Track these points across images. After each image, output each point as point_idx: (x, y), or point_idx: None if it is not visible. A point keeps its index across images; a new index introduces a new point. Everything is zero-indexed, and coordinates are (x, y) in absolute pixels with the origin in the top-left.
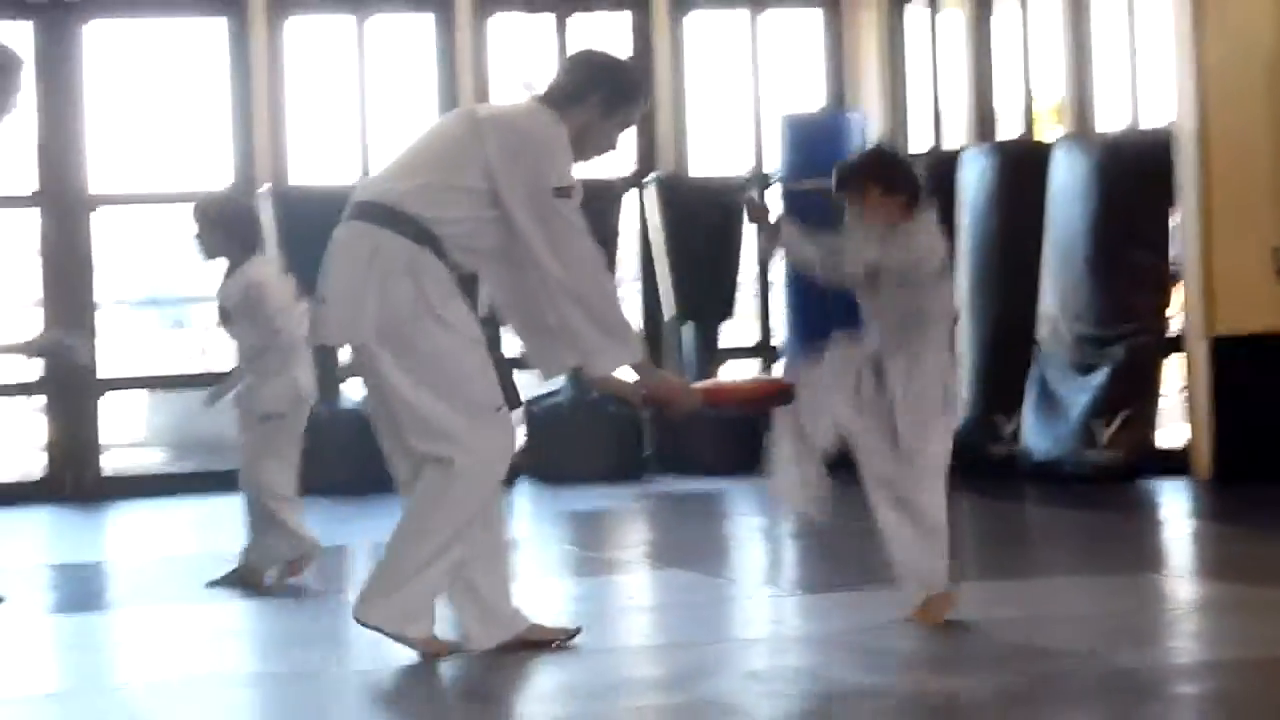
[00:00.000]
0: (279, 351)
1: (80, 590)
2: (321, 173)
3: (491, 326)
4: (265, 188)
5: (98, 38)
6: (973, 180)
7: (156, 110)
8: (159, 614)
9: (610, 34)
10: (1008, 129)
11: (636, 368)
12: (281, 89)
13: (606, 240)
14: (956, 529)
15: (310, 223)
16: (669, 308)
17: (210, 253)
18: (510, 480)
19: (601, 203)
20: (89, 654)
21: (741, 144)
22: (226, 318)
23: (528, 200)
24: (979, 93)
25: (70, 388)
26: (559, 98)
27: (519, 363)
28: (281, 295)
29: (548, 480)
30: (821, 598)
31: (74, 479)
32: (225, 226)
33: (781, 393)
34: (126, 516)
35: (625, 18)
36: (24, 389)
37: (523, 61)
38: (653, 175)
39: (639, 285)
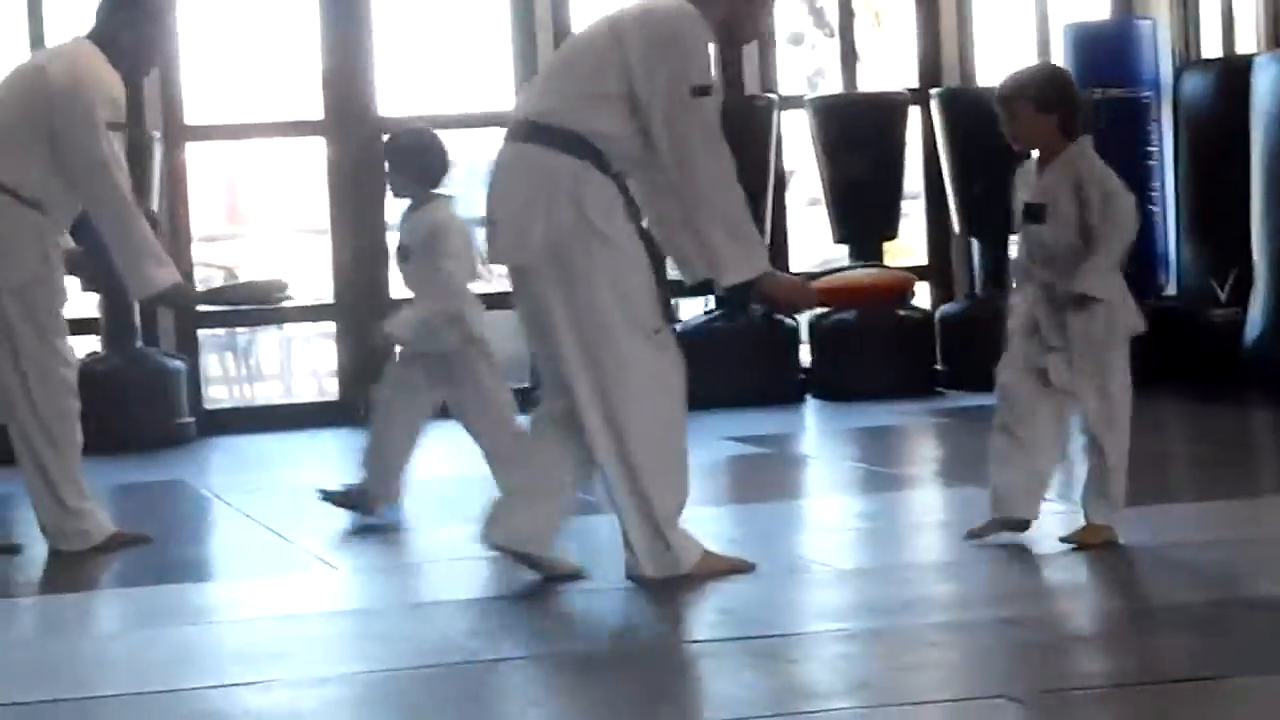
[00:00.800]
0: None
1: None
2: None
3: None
4: None
5: None
6: (1266, 88)
7: (442, 33)
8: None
9: None
10: None
11: (762, 274)
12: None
13: (893, 154)
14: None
15: None
16: (957, 223)
17: (397, 190)
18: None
19: (886, 116)
20: (383, 574)
21: (1027, 54)
22: (405, 255)
23: (665, 99)
24: None
25: (362, 311)
26: None
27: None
28: (458, 240)
29: (836, 396)
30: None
31: (366, 402)
32: (414, 162)
33: (900, 287)
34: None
35: None
36: (316, 313)
37: None
38: (938, 89)
39: (924, 200)
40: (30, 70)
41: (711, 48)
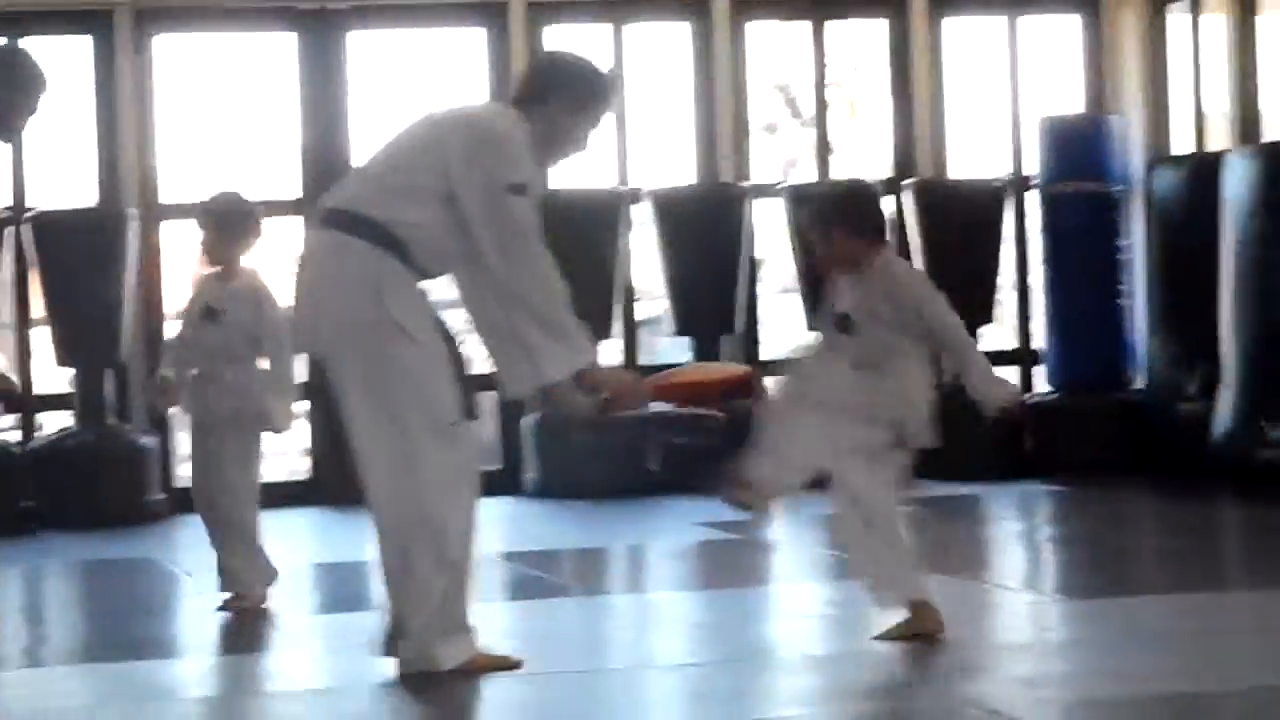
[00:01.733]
0: None
1: (344, 590)
2: (578, 178)
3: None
4: None
5: (360, 47)
6: (1236, 184)
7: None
8: None
9: (866, 40)
10: (1273, 131)
11: (584, 370)
12: None
13: None
14: (1225, 537)
15: (564, 227)
16: None
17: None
18: (483, 492)
19: None
20: (353, 652)
21: (1000, 147)
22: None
23: (482, 197)
24: (1243, 95)
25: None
26: (523, 98)
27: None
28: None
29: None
30: (1084, 603)
31: (338, 481)
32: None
33: (740, 384)
34: None
35: (882, 25)
36: None
37: (779, 69)
38: (911, 179)
39: None
40: None
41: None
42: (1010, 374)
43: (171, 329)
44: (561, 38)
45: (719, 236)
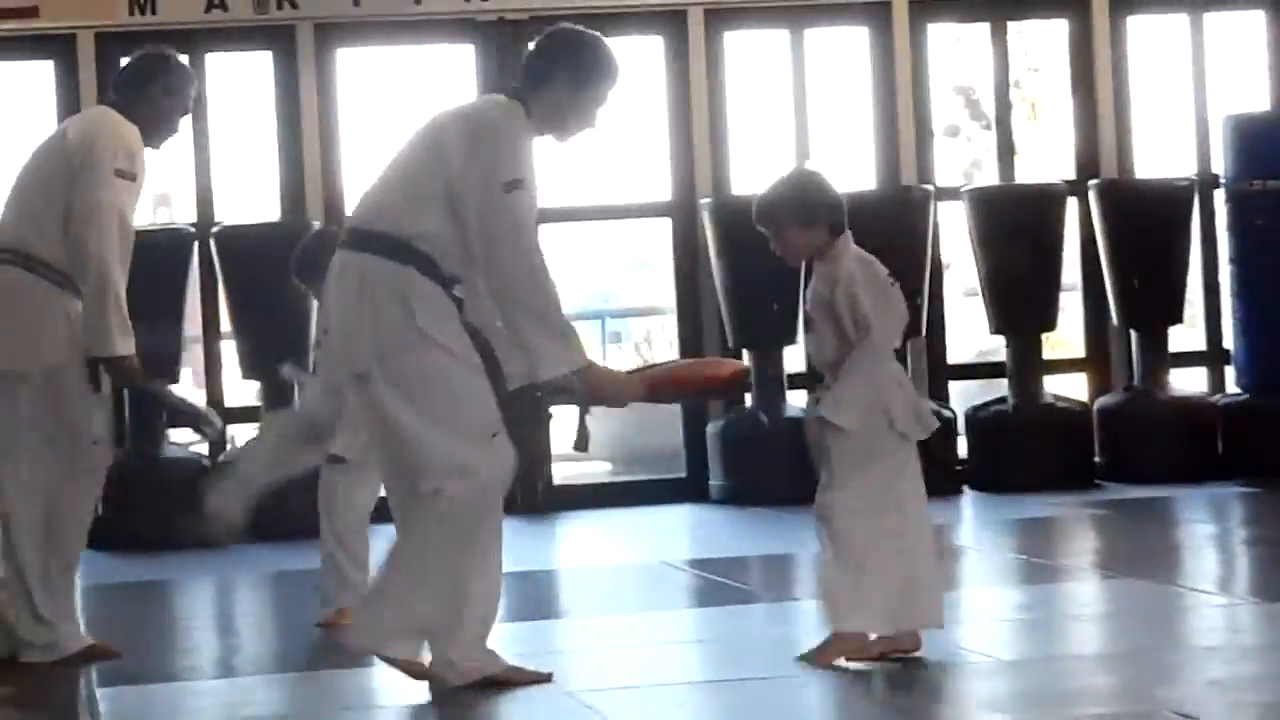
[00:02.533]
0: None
1: (533, 598)
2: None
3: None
4: (705, 201)
5: None
6: None
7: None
8: (610, 622)
9: (1048, 40)
10: None
11: (579, 369)
12: (721, 99)
13: (1050, 245)
14: None
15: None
16: (1115, 314)
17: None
18: (507, 506)
19: (1043, 207)
20: (545, 659)
21: (1185, 146)
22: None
23: (477, 194)
24: None
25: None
26: (526, 82)
27: None
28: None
29: (993, 488)
30: (1278, 606)
31: (524, 489)
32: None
33: (731, 378)
34: (575, 526)
35: (1063, 25)
36: None
37: (960, 71)
38: (1095, 180)
39: (1081, 292)
40: (53, 136)
41: (531, 144)
42: (1199, 376)
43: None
44: (741, 44)
45: (902, 240)
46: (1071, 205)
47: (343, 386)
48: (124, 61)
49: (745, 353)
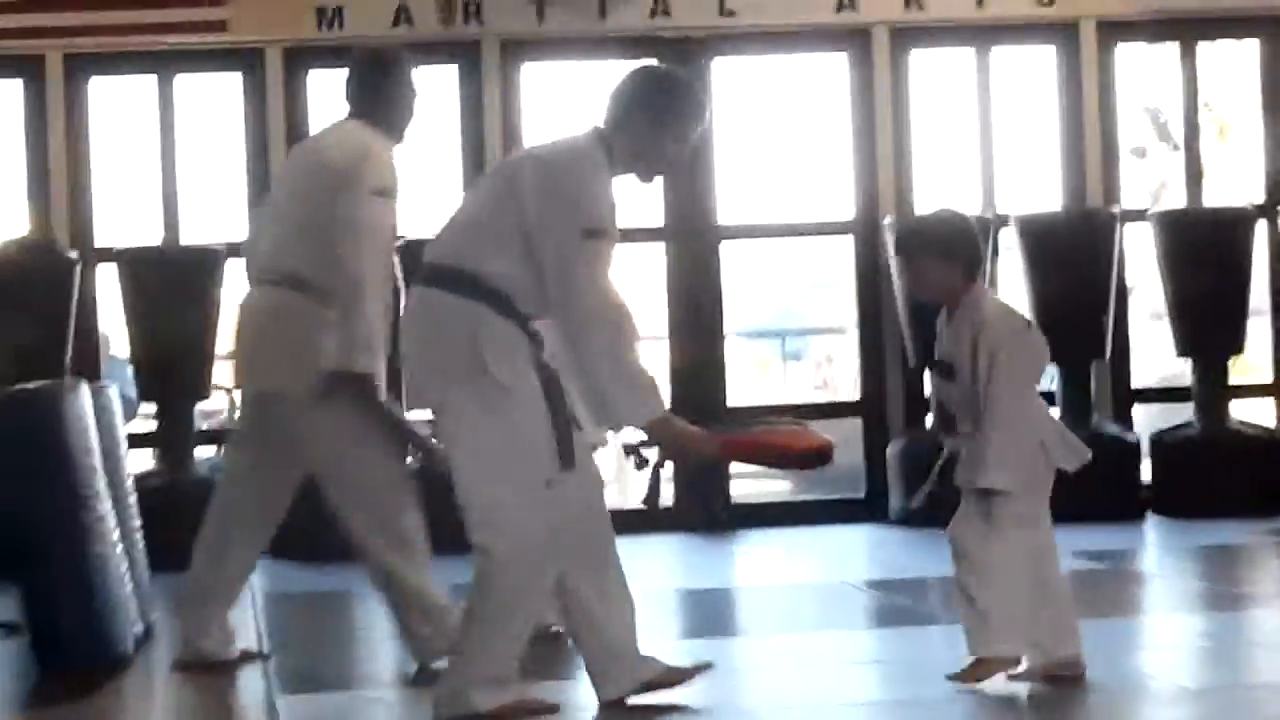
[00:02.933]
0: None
1: (711, 616)
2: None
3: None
4: (888, 220)
5: (723, 73)
6: None
7: (779, 143)
8: (788, 641)
9: (1237, 61)
10: None
11: (652, 421)
12: (906, 117)
13: (1238, 269)
14: None
15: None
16: None
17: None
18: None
19: (1231, 230)
20: (723, 677)
21: None
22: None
23: (555, 240)
24: None
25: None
26: (608, 124)
27: None
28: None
29: (1178, 514)
30: None
31: (702, 507)
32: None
33: (817, 453)
34: (754, 545)
35: (1253, 45)
36: None
37: (1147, 91)
38: None
39: (1270, 315)
40: (304, 153)
41: (611, 187)
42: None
43: None
44: (926, 62)
45: (1087, 262)
46: (1260, 228)
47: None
48: (312, 75)
49: (926, 373)
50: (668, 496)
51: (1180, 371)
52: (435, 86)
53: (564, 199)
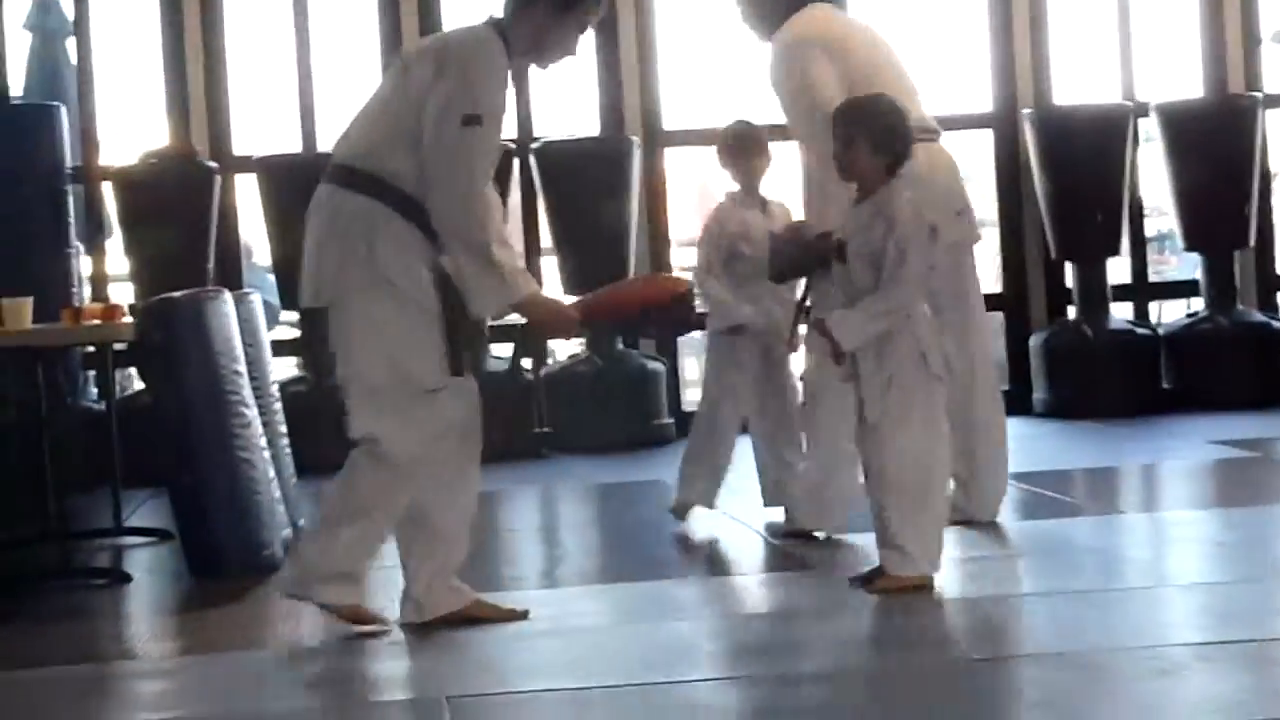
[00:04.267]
0: None
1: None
2: (1083, 94)
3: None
4: (1027, 112)
5: None
6: None
7: (917, 36)
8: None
9: None
10: None
11: (518, 302)
12: (1043, 7)
13: None
14: None
15: (1072, 143)
16: None
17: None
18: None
19: None
20: (867, 562)
21: None
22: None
23: (434, 124)
24: None
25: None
26: (507, 13)
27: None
28: None
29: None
30: None
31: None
32: None
33: (671, 299)
34: None
35: None
36: None
37: None
38: None
39: None
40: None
41: (504, 76)
42: None
43: (676, 255)
44: None
45: (1229, 149)
46: None
47: None
48: None
49: (1069, 264)
50: None
51: None
52: None
53: (448, 85)
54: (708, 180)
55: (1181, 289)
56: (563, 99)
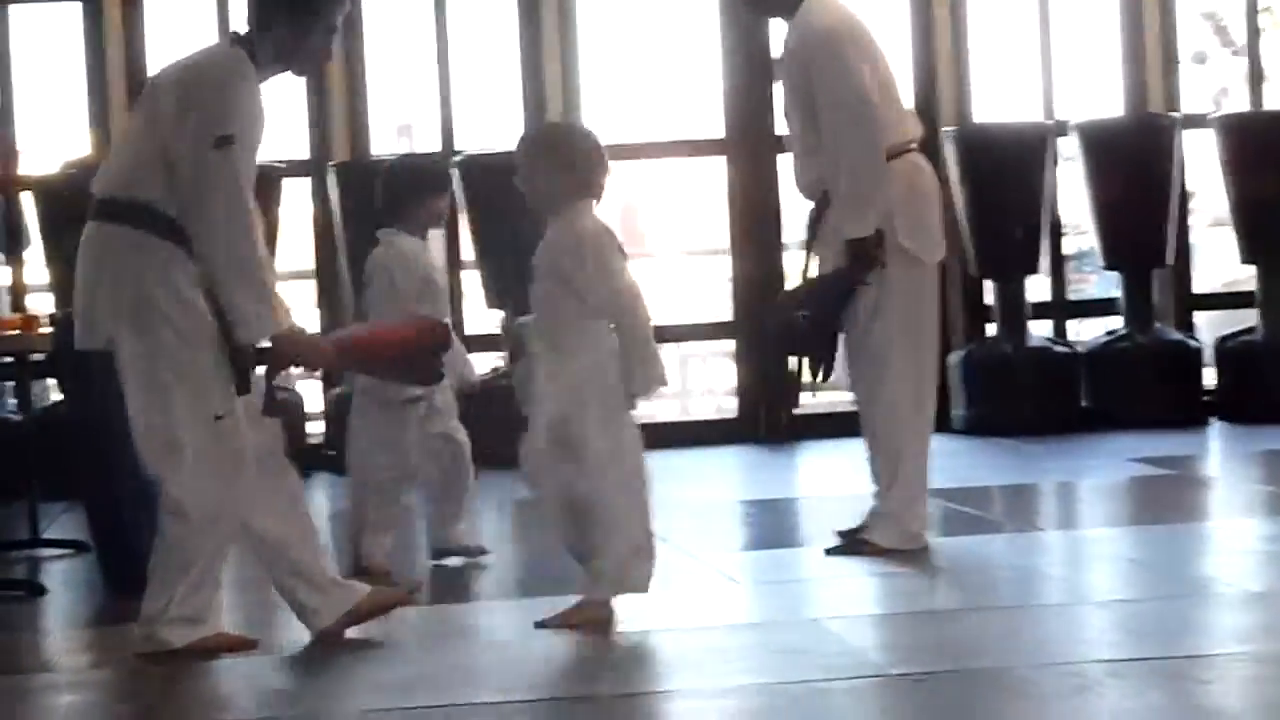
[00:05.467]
0: None
1: (775, 526)
2: (1003, 112)
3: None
4: (947, 130)
5: None
6: None
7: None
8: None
9: None
10: None
11: (278, 335)
12: (964, 24)
13: None
14: None
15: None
16: None
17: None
18: (303, 468)
19: None
20: (787, 588)
21: None
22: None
23: (187, 150)
24: None
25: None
26: (251, 27)
27: None
28: None
29: (1241, 419)
30: None
31: (768, 418)
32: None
33: (425, 333)
34: (818, 455)
35: None
36: (715, 331)
37: None
38: None
39: None
40: None
41: (254, 93)
42: None
43: None
44: None
45: (1148, 168)
46: None
47: None
48: None
49: (988, 281)
50: (730, 409)
51: (1243, 278)
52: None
53: (194, 109)
54: (631, 198)
55: (1100, 307)
56: (486, 111)
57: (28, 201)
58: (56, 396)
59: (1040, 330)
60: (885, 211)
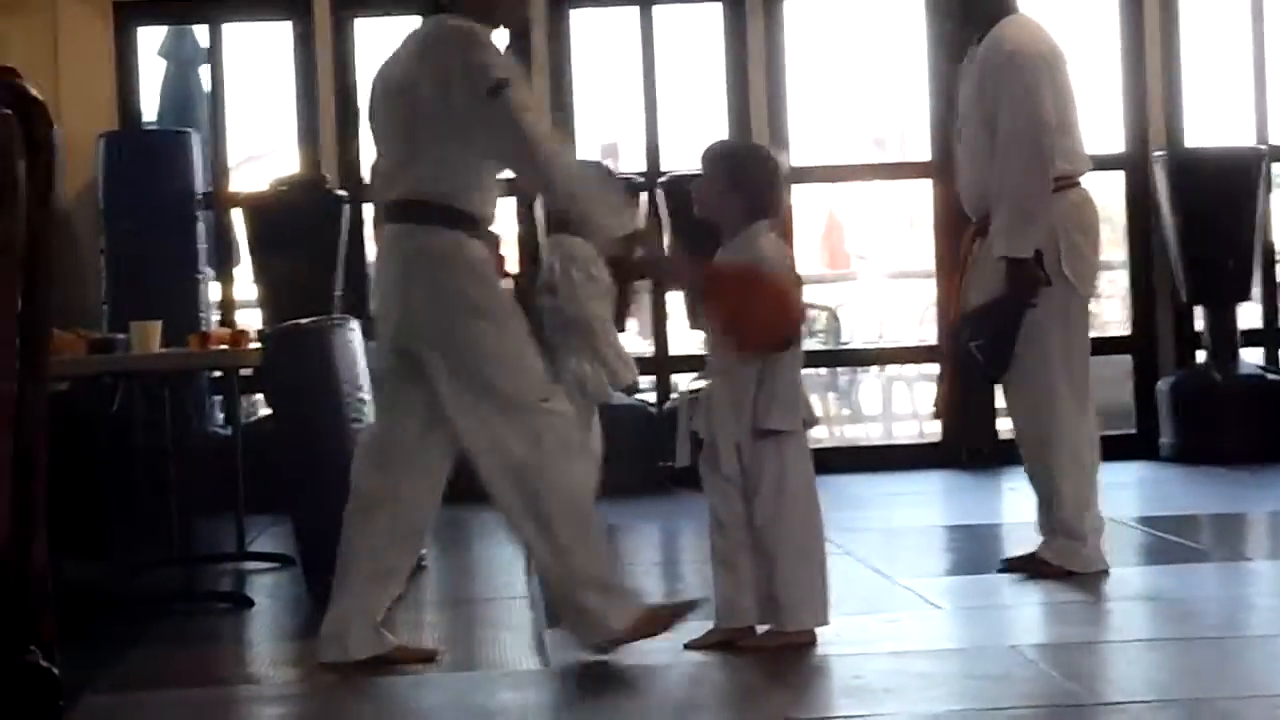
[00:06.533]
0: None
1: (977, 552)
2: (1215, 136)
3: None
4: (1158, 153)
5: None
6: None
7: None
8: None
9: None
10: None
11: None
12: (1176, 47)
13: None
14: None
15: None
16: None
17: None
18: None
19: None
20: (989, 614)
21: None
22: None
23: (473, 116)
24: None
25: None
26: (444, 7)
27: None
28: None
29: None
30: None
31: (969, 443)
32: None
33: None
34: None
35: None
36: (918, 355)
37: None
38: None
39: None
40: None
41: (490, 39)
42: None
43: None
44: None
45: None
46: None
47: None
48: None
49: (1198, 308)
50: (935, 433)
51: None
52: (699, 27)
53: (455, 79)
54: (836, 217)
55: None
56: (691, 131)
57: (237, 218)
58: (264, 411)
59: (1251, 358)
60: (1047, 235)
